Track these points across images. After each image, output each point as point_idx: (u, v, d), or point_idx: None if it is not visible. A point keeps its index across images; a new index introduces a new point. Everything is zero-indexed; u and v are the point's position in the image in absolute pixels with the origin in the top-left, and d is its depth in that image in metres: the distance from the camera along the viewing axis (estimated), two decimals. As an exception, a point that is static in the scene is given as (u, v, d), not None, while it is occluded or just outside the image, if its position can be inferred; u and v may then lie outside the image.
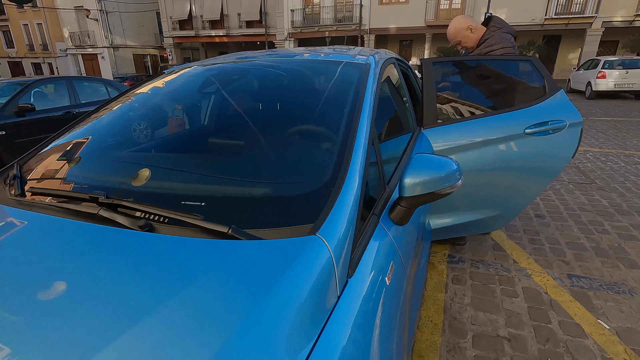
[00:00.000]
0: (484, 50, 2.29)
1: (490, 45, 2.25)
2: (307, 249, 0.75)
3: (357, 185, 0.94)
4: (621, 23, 16.40)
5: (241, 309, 0.63)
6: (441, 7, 18.86)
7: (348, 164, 0.98)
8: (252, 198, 0.97)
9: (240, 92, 1.52)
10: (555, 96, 2.09)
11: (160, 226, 0.87)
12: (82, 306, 0.66)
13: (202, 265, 0.74)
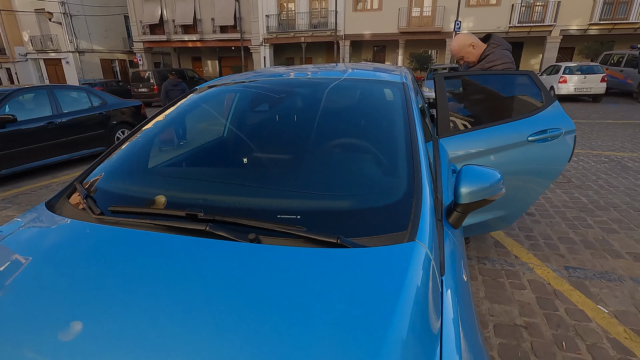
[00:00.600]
0: (487, 65, 2.50)
1: (492, 61, 2.47)
2: (413, 254, 0.87)
3: (429, 193, 1.08)
4: (577, 31, 17.70)
5: (376, 313, 0.72)
6: (413, 15, 19.56)
7: (420, 175, 1.11)
8: (347, 210, 1.08)
9: (307, 109, 1.62)
10: (551, 107, 2.33)
11: (266, 238, 0.96)
12: (222, 315, 0.73)
13: (319, 272, 0.84)
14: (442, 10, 18.75)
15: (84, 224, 1.11)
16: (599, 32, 17.52)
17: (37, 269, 0.93)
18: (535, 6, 17.79)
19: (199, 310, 0.75)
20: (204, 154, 1.55)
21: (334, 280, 0.81)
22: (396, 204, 1.05)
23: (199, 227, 0.99)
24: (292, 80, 1.73)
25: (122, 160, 1.46)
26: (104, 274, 0.88)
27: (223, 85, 1.79)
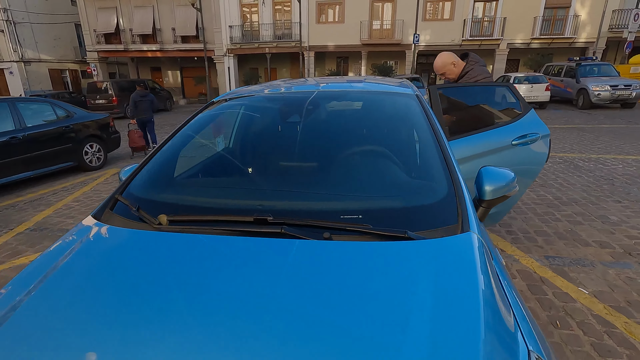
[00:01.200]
0: (469, 81, 2.77)
1: (474, 77, 2.74)
2: (472, 243, 1.01)
3: (465, 189, 1.24)
4: (521, 44, 19.38)
5: (465, 297, 0.82)
6: (374, 28, 20.39)
7: (455, 173, 1.27)
8: (400, 208, 1.21)
9: (343, 118, 1.73)
10: (529, 114, 2.63)
11: (335, 236, 1.06)
12: (320, 305, 0.81)
13: (396, 263, 0.95)
14: (401, 23, 19.73)
15: (150, 233, 1.14)
16: (540, 45, 19.30)
17: (123, 282, 0.95)
18: (484, 21, 19.29)
19: (299, 306, 0.82)
20: (247, 161, 1.60)
21: (412, 270, 0.93)
22: (443, 200, 1.19)
23: (274, 230, 1.07)
24: (319, 91, 1.84)
25: (164, 169, 1.49)
26: (192, 281, 0.92)
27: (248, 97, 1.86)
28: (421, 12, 18.96)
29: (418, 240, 1.02)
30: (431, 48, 20.33)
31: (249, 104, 1.82)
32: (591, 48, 18.70)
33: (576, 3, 18.27)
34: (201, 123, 1.77)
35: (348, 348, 0.70)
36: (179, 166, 1.56)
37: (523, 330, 0.81)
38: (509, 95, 2.69)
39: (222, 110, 1.84)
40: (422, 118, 1.58)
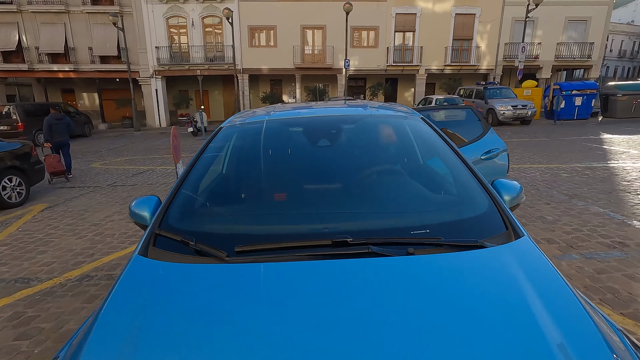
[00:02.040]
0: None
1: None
2: (532, 245, 1.16)
3: (502, 200, 1.41)
4: (436, 70, 21.81)
5: (557, 292, 0.94)
6: (306, 52, 21.20)
7: (488, 186, 1.44)
8: (458, 220, 1.32)
9: (367, 139, 1.80)
10: (490, 132, 3.03)
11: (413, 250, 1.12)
12: (432, 319, 0.85)
13: (481, 268, 1.06)
14: (332, 49, 20.87)
15: (229, 266, 1.08)
16: (452, 71, 21.94)
17: (216, 321, 0.89)
18: (405, 50, 21.36)
19: (410, 319, 0.85)
20: (289, 184, 1.58)
21: (502, 274, 1.03)
22: (489, 211, 1.33)
23: (360, 251, 1.10)
24: (338, 116, 1.91)
25: (199, 198, 1.41)
26: (309, 312, 0.90)
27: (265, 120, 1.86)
28: (349, 40, 20.30)
29: (490, 248, 1.14)
30: (360, 72, 21.79)
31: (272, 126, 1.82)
32: (492, 74, 21.84)
33: (477, 36, 21.29)
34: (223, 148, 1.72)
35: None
36: (214, 193, 1.49)
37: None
38: (474, 117, 3.07)
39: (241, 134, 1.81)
40: (437, 137, 1.75)
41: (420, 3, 20.72)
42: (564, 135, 11.59)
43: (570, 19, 21.39)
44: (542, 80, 21.92)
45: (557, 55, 21.76)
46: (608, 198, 4.78)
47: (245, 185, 1.61)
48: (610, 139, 10.28)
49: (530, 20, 18.97)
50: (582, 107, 16.11)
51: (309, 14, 20.64)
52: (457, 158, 1.62)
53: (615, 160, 7.29)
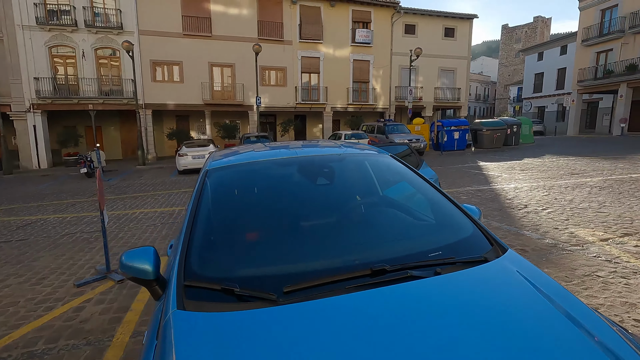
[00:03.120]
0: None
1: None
2: (519, 256, 1.46)
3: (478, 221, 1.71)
4: (341, 108, 23.82)
5: (558, 293, 1.19)
6: (215, 89, 21.00)
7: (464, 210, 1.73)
8: (454, 242, 1.54)
9: (355, 177, 1.93)
10: (424, 164, 3.53)
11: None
12: (485, 324, 1.01)
13: (494, 279, 1.29)
14: (242, 86, 21.14)
15: (276, 309, 1.09)
16: (354, 109, 24.22)
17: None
18: (312, 89, 22.90)
19: (467, 327, 1.00)
20: (301, 221, 1.61)
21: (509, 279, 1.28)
22: (475, 232, 1.60)
23: (399, 276, 1.23)
24: (324, 155, 2.05)
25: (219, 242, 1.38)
26: (365, 341, 0.95)
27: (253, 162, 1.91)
28: (259, 78, 20.91)
29: (492, 261, 1.39)
30: (271, 109, 22.41)
31: (268, 166, 1.87)
32: (387, 112, 24.78)
33: (372, 80, 24.14)
34: (220, 190, 1.69)
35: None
36: (232, 237, 1.46)
37: None
38: (409, 151, 3.55)
39: (238, 175, 1.81)
40: (410, 172, 2.04)
41: (322, 48, 22.72)
42: (451, 164, 13.69)
43: (442, 69, 25.95)
44: (427, 117, 25.70)
45: (435, 97, 25.96)
46: (500, 214, 5.83)
47: (260, 225, 1.61)
48: (485, 165, 12.54)
49: (413, 68, 22.42)
50: (459, 140, 19.34)
51: (216, 52, 20.72)
52: (434, 189, 1.91)
53: (494, 183, 8.93)
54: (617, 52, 24.35)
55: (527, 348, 0.94)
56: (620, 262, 3.62)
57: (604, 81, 24.73)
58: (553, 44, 35.30)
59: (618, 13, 24.44)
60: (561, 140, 23.03)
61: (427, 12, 24.88)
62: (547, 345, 0.96)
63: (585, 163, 11.61)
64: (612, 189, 7.37)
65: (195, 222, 1.49)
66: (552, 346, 0.95)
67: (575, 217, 5.42)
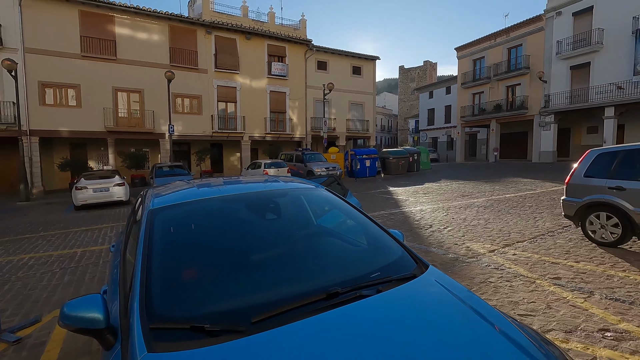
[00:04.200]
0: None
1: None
2: (439, 271, 1.79)
3: (402, 242, 2.04)
4: (259, 137, 23.98)
5: (479, 304, 1.55)
6: (120, 115, 19.33)
7: (391, 234, 2.05)
8: (386, 264, 1.80)
9: (299, 210, 2.07)
10: (349, 194, 3.89)
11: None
12: (433, 329, 1.28)
13: (426, 291, 1.58)
14: (152, 114, 19.87)
15: (248, 339, 1.18)
16: (272, 138, 24.62)
17: None
18: (229, 118, 22.68)
19: (421, 333, 1.26)
20: (251, 254, 1.68)
21: (437, 291, 1.59)
22: (403, 253, 1.91)
23: (350, 297, 1.44)
24: (267, 191, 2.19)
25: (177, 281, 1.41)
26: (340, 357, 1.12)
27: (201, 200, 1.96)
28: (172, 105, 19.96)
29: (420, 276, 1.70)
30: (185, 137, 21.44)
31: (214, 204, 1.94)
32: (304, 141, 25.76)
33: (289, 110, 25.03)
34: (167, 229, 1.71)
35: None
36: (189, 274, 1.49)
37: None
38: (335, 181, 3.89)
39: (185, 213, 1.83)
40: (343, 202, 2.31)
41: (239, 79, 22.90)
42: (365, 189, 14.79)
43: (352, 102, 28.27)
44: (341, 146, 27.42)
45: (347, 128, 27.98)
46: (412, 234, 6.57)
47: (217, 261, 1.65)
48: (394, 190, 13.88)
49: (327, 101, 23.97)
50: (371, 168, 21.04)
51: (122, 76, 19.28)
52: (365, 216, 2.20)
53: (403, 206, 9.97)
54: (487, 94, 29.77)
55: (456, 340, 1.23)
56: (504, 269, 4.43)
57: (479, 117, 29.84)
58: (440, 85, 41.48)
59: (485, 63, 30.11)
60: (452, 166, 26.75)
61: (336, 51, 27.16)
62: (468, 336, 1.26)
63: (471, 186, 13.72)
64: (493, 207, 8.89)
65: (149, 264, 1.49)
66: (470, 337, 1.26)
67: (469, 233, 6.41)
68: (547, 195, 10.39)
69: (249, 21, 24.23)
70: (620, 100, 20.10)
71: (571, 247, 5.26)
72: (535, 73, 25.46)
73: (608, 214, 5.07)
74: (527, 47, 26.46)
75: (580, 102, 22.49)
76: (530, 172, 18.45)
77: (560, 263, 4.55)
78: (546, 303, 3.42)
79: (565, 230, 6.24)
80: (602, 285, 3.77)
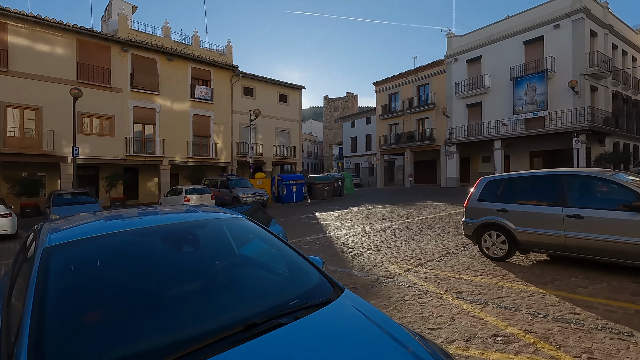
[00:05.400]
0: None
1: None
2: (354, 294, 1.92)
3: (321, 269, 2.15)
4: (180, 162, 22.70)
5: (391, 325, 1.68)
6: (10, 134, 16.71)
7: (310, 261, 2.15)
8: (305, 290, 1.87)
9: (212, 241, 2.01)
10: (273, 221, 3.93)
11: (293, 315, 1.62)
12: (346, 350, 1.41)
13: (343, 314, 1.69)
14: (52, 134, 17.58)
15: None
16: (195, 163, 23.52)
17: None
18: (146, 141, 21.14)
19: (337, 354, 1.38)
20: (161, 292, 1.58)
21: (351, 313, 1.71)
22: (321, 279, 2.01)
23: (268, 326, 1.47)
24: (176, 223, 2.11)
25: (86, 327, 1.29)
26: None
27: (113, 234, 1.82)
28: (77, 126, 17.94)
29: (335, 300, 1.81)
30: (93, 161, 19.32)
31: (121, 239, 1.81)
32: (229, 166, 25.12)
33: (214, 135, 24.34)
34: (65, 269, 1.56)
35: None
36: (97, 317, 1.36)
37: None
38: (258, 210, 3.90)
39: (85, 251, 1.68)
40: (265, 232, 2.36)
41: (159, 100, 21.69)
42: (292, 215, 14.89)
43: (278, 129, 28.67)
44: (267, 172, 27.34)
45: (274, 153, 28.14)
46: (336, 258, 6.78)
47: (127, 301, 1.52)
48: (320, 215, 14.22)
49: (253, 127, 23.95)
50: (297, 193, 21.31)
51: (14, 91, 16.84)
52: (284, 244, 2.27)
53: (329, 231, 10.27)
54: (402, 125, 32.84)
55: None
56: (417, 287, 4.83)
57: (396, 146, 32.61)
58: (361, 115, 44.55)
59: (399, 98, 33.37)
60: (373, 191, 28.49)
61: (263, 79, 27.58)
62: (379, 357, 1.38)
63: (390, 209, 14.76)
64: (408, 229, 9.67)
65: (42, 311, 1.33)
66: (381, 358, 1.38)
67: (387, 255, 6.86)
68: (453, 217, 11.68)
69: (172, 42, 23.43)
70: (505, 135, 23.87)
71: (471, 263, 5.97)
72: (440, 109, 28.99)
73: (497, 233, 5.91)
74: (433, 86, 30.16)
75: (475, 135, 26.12)
76: (439, 196, 20.58)
77: (463, 278, 5.13)
78: (451, 316, 3.81)
79: (466, 248, 7.07)
80: (494, 296, 4.35)
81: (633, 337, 3.14)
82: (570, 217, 4.99)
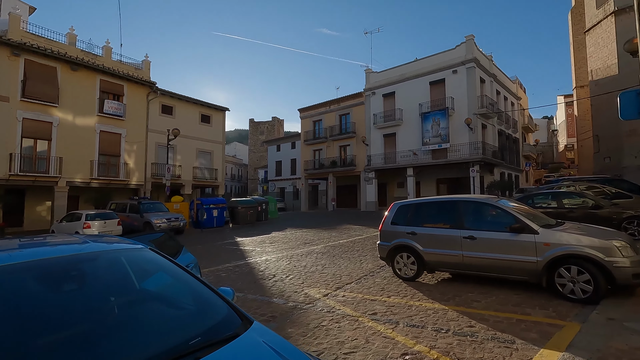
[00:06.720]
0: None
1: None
2: (263, 325, 1.86)
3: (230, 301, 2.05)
4: (81, 183, 20.04)
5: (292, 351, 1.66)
6: None
7: (219, 293, 2.03)
8: (215, 323, 1.75)
9: (110, 275, 1.73)
10: (183, 250, 3.66)
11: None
12: None
13: (254, 347, 1.61)
14: None
15: None
16: (100, 185, 21.00)
17: None
18: (38, 159, 18.29)
19: None
20: (53, 334, 1.29)
21: (254, 350, 1.64)
22: (229, 311, 1.91)
23: None
24: (72, 255, 1.81)
25: None
26: None
27: None
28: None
29: (243, 334, 1.73)
30: (-39, 181, 15.96)
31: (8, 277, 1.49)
32: (142, 189, 23.00)
33: (125, 154, 22.19)
34: None
35: None
36: None
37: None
38: (170, 238, 3.60)
39: None
40: (170, 263, 2.18)
41: (57, 113, 19.16)
42: (212, 241, 14.11)
43: (200, 150, 27.41)
44: (186, 195, 25.68)
45: (194, 176, 26.67)
46: (255, 286, 6.55)
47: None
48: (241, 241, 13.74)
49: (171, 147, 22.50)
50: (218, 218, 20.36)
51: None
52: (191, 276, 2.12)
53: (250, 257, 9.94)
54: (325, 151, 34.09)
55: None
56: (335, 311, 4.89)
57: (319, 171, 33.60)
58: (286, 140, 45.17)
59: (323, 125, 34.78)
60: (297, 215, 28.64)
61: (184, 97, 26.37)
62: None
63: (313, 234, 14.94)
64: (329, 253, 9.86)
65: None
66: None
67: (308, 279, 6.86)
68: (370, 240, 12.28)
69: (77, 51, 21.14)
70: (416, 164, 26.38)
71: (385, 284, 6.29)
72: (360, 137, 30.91)
73: (408, 254, 6.37)
74: (353, 116, 32.19)
75: (391, 162, 28.34)
76: (359, 219, 21.55)
77: (377, 299, 5.36)
78: (365, 338, 3.93)
79: (382, 270, 7.45)
80: (404, 315, 4.62)
81: (515, 344, 3.59)
82: (466, 238, 5.63)
